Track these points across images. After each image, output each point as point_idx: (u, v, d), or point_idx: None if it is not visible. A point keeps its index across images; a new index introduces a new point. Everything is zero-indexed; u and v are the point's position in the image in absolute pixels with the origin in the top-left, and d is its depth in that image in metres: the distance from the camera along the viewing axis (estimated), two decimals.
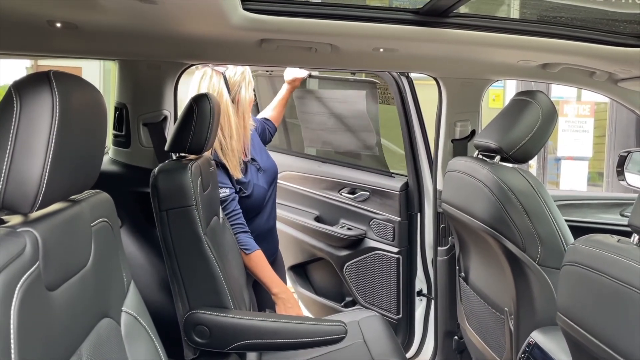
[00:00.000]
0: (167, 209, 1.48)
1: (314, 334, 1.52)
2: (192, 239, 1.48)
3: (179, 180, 1.48)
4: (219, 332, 1.48)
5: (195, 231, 1.48)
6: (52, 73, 0.84)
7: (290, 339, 1.50)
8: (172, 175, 1.49)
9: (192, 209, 1.47)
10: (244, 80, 1.97)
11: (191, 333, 1.48)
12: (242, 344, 1.49)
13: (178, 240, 1.48)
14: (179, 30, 1.58)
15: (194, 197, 1.48)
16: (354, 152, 2.82)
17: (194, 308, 1.49)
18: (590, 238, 1.07)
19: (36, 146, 0.80)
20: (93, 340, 0.94)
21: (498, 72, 2.14)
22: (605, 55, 1.73)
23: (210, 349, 1.50)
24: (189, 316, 1.49)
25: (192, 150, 1.57)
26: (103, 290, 1.03)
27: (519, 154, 1.68)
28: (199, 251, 1.48)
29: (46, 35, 1.60)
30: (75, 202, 0.99)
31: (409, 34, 1.58)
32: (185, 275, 1.50)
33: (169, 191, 1.48)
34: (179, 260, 1.49)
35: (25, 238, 0.78)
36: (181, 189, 1.48)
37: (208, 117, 1.55)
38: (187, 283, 1.50)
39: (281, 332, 1.50)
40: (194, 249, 1.49)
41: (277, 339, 1.50)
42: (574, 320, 1.05)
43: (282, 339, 1.50)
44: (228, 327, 1.48)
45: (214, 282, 1.49)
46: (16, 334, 0.71)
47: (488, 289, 1.85)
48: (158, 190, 1.48)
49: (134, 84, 1.96)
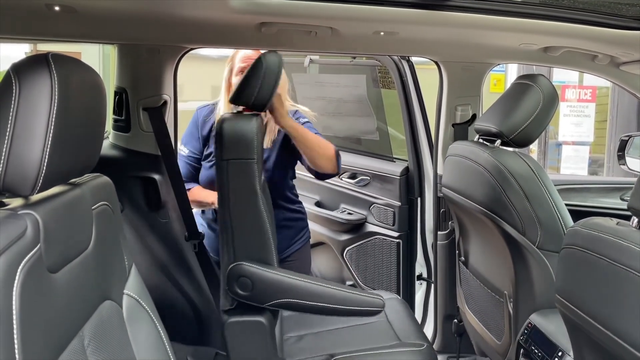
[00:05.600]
0: (228, 159, 1.46)
1: (353, 302, 1.51)
2: (248, 192, 1.47)
3: (244, 133, 1.46)
4: (262, 286, 1.47)
5: (253, 185, 1.47)
6: (50, 55, 0.84)
7: (329, 304, 1.49)
8: (238, 126, 1.47)
9: (253, 163, 1.46)
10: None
11: (233, 284, 1.47)
12: (281, 302, 1.48)
13: (234, 192, 1.47)
14: (178, 14, 1.57)
15: (256, 151, 1.47)
16: (355, 137, 2.82)
17: (239, 260, 1.48)
18: (590, 221, 1.07)
19: (36, 128, 0.80)
20: (95, 322, 0.95)
21: (499, 55, 2.13)
22: (607, 38, 1.72)
23: (249, 302, 1.49)
24: (234, 267, 1.48)
25: (255, 106, 1.55)
26: (104, 272, 1.04)
27: (520, 138, 1.67)
28: (253, 205, 1.47)
29: (45, 19, 1.59)
30: (76, 185, 0.99)
31: (409, 17, 1.57)
32: (236, 226, 1.48)
33: (233, 142, 1.46)
34: (232, 211, 1.48)
35: (26, 220, 0.78)
36: (245, 142, 1.46)
37: (275, 74, 1.53)
38: (236, 234, 1.49)
39: (322, 295, 1.49)
40: (249, 202, 1.47)
41: (316, 302, 1.49)
42: (573, 302, 1.06)
43: (321, 303, 1.49)
44: (271, 283, 1.47)
45: (262, 237, 1.49)
46: (18, 316, 0.72)
47: (487, 272, 1.86)
48: (222, 139, 1.47)
49: (134, 68, 1.95)
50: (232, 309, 1.51)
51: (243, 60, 1.98)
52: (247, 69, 1.94)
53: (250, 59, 1.95)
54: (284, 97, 2.00)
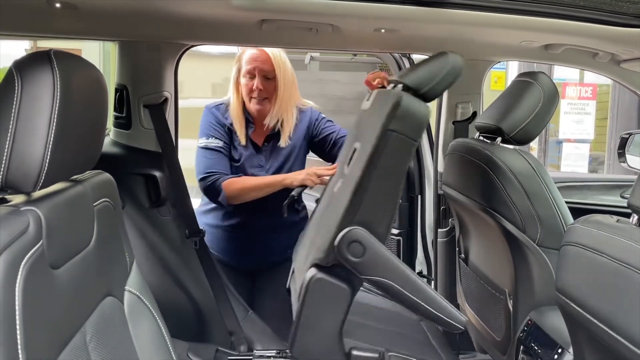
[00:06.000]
0: (395, 130, 1.41)
1: (440, 309, 1.46)
2: (398, 170, 1.43)
3: (421, 114, 1.43)
4: (372, 258, 1.42)
5: (404, 165, 1.44)
6: (52, 52, 0.84)
7: (421, 300, 1.44)
8: (418, 106, 1.44)
9: (414, 145, 1.43)
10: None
11: (344, 246, 1.41)
12: (380, 280, 1.44)
13: (387, 162, 1.42)
14: (179, 11, 1.57)
15: (420, 137, 1.46)
16: None
17: (361, 225, 1.43)
18: (590, 218, 1.07)
19: (38, 125, 0.80)
20: (97, 319, 0.96)
21: (500, 53, 2.13)
22: (608, 36, 1.72)
23: (349, 267, 1.44)
24: (353, 230, 1.42)
25: (425, 95, 1.51)
26: (106, 269, 1.04)
27: (520, 136, 1.67)
28: (396, 183, 1.44)
29: (45, 15, 1.59)
30: (78, 182, 0.99)
31: (410, 14, 1.57)
32: (375, 193, 1.43)
33: (407, 117, 1.41)
34: (376, 179, 1.42)
35: (29, 217, 0.79)
36: (419, 123, 1.43)
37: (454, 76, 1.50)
38: (371, 200, 1.43)
39: (419, 290, 1.44)
40: (394, 179, 1.44)
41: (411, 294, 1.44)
42: (573, 299, 1.06)
43: (415, 297, 1.44)
44: (381, 259, 1.42)
45: (390, 215, 1.45)
46: (21, 312, 0.72)
47: (488, 269, 1.86)
48: (398, 110, 1.41)
49: (134, 65, 1.95)
50: (325, 267, 1.46)
51: (249, 62, 1.97)
52: (254, 71, 1.95)
53: (256, 60, 1.95)
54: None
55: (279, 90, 1.98)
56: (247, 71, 1.97)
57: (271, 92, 1.98)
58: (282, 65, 1.97)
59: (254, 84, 1.96)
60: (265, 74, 1.96)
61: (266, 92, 1.98)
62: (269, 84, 1.98)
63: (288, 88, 2.00)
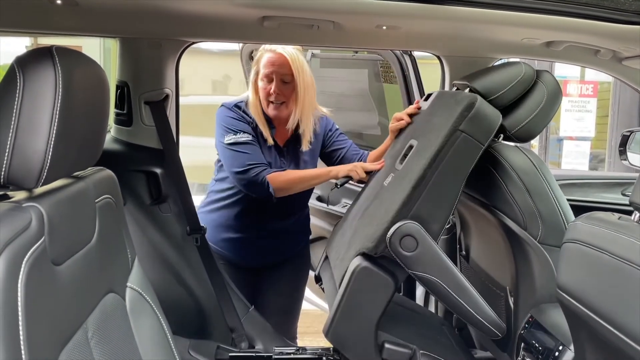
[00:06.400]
0: (464, 131, 1.43)
1: (482, 313, 1.48)
2: (460, 170, 1.45)
3: (492, 120, 1.46)
4: (423, 253, 1.43)
5: (467, 167, 1.45)
6: (54, 48, 0.84)
7: (464, 303, 1.46)
8: (491, 112, 1.46)
9: (480, 148, 1.44)
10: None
11: (397, 239, 1.42)
12: (426, 277, 1.44)
13: (449, 162, 1.43)
14: (180, 8, 1.57)
15: (488, 142, 1.47)
16: (356, 131, 2.82)
17: (416, 220, 1.43)
18: (591, 216, 1.07)
19: (40, 122, 0.80)
20: (99, 315, 0.96)
21: (502, 50, 2.12)
22: (609, 33, 1.71)
23: (399, 260, 1.44)
24: (407, 224, 1.42)
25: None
26: (108, 265, 1.05)
27: (522, 133, 1.67)
28: (457, 183, 1.44)
29: (46, 12, 1.59)
30: (80, 178, 0.99)
31: (412, 11, 1.57)
32: (434, 188, 1.44)
33: (479, 120, 1.43)
34: (437, 176, 1.43)
35: (31, 213, 0.79)
36: (489, 127, 1.45)
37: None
38: (429, 196, 1.44)
39: (464, 291, 1.46)
40: (456, 179, 1.45)
41: (455, 294, 1.46)
42: (574, 297, 1.06)
43: (459, 298, 1.46)
44: (432, 255, 1.44)
45: (444, 215, 1.46)
46: (23, 308, 0.72)
47: (488, 267, 1.87)
48: (474, 110, 1.43)
49: (135, 62, 1.95)
50: (371, 257, 1.46)
51: (267, 67, 1.94)
52: (271, 75, 1.93)
53: (274, 64, 1.92)
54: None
55: (298, 93, 1.95)
56: (264, 75, 1.94)
57: (288, 95, 1.95)
58: (301, 68, 1.94)
59: (271, 88, 1.93)
60: (283, 77, 1.93)
61: (283, 95, 1.95)
62: (287, 87, 1.95)
63: (308, 91, 1.97)
